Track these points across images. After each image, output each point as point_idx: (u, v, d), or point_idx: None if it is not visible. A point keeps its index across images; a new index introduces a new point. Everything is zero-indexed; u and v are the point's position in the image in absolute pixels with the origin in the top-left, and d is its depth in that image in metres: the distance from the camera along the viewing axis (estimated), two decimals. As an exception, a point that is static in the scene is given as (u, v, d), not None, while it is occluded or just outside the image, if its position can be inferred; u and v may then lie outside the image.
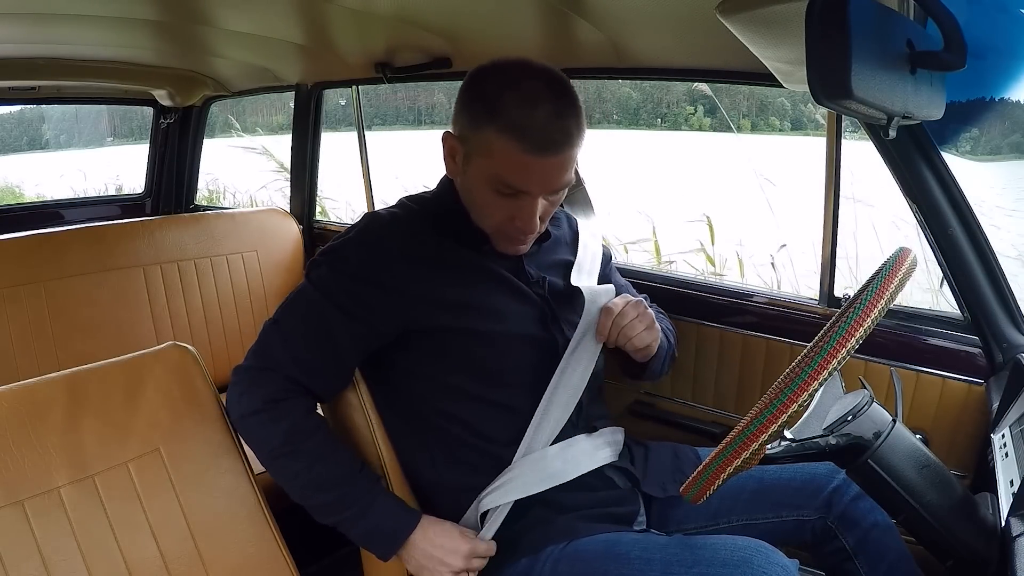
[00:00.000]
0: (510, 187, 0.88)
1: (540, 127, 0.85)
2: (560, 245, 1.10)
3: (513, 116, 0.85)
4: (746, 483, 1.03)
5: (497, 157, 0.87)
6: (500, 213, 0.92)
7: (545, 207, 0.93)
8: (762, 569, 0.79)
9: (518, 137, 0.85)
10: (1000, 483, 0.86)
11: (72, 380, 0.88)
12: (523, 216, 0.91)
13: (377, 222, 0.97)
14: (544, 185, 0.89)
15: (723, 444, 0.76)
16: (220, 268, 1.87)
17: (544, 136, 0.85)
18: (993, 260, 1.16)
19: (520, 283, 0.99)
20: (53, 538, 0.79)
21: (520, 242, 0.96)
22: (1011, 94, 1.17)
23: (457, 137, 0.93)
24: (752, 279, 2.62)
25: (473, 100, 0.90)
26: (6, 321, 1.54)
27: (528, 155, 0.86)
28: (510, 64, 0.91)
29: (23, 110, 10.37)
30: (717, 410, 1.45)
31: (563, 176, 0.90)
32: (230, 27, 1.61)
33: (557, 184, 0.90)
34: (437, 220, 0.98)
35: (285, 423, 0.89)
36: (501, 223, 0.93)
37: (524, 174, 0.87)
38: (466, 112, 0.90)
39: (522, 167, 0.87)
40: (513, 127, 0.85)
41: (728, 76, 1.34)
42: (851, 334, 0.68)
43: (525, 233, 0.93)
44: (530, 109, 0.85)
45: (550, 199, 0.93)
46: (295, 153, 2.21)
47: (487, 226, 0.95)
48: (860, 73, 0.62)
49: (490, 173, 0.89)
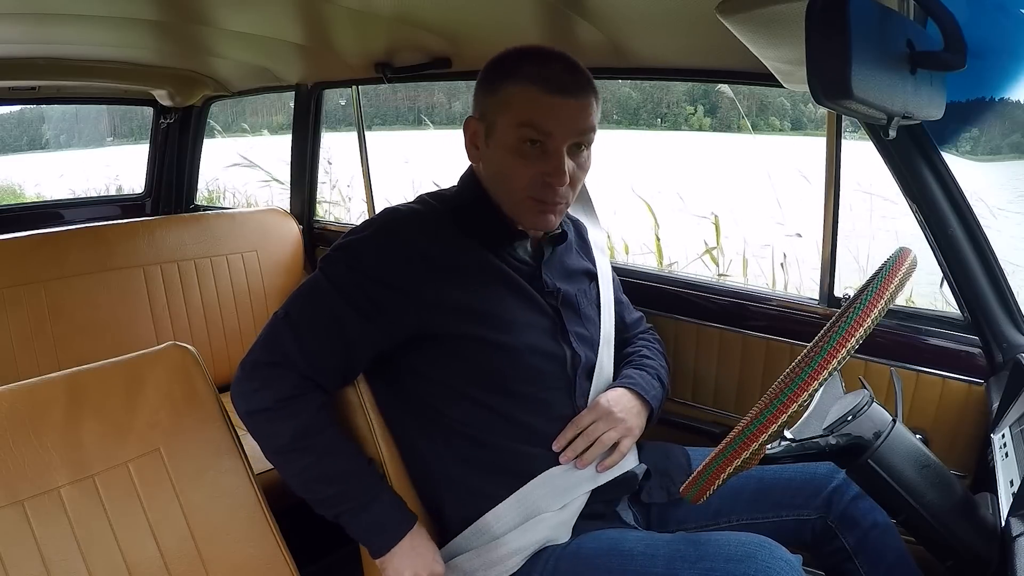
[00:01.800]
0: (536, 130, 0.90)
1: (557, 75, 0.90)
2: (571, 250, 1.09)
3: (529, 69, 0.90)
4: (746, 483, 1.03)
5: (518, 104, 0.90)
6: (528, 172, 0.92)
7: (572, 168, 0.92)
8: (766, 564, 0.79)
9: (537, 82, 0.89)
10: (1000, 483, 0.86)
11: (72, 380, 0.88)
12: (551, 169, 0.91)
13: (396, 220, 0.96)
14: (568, 125, 0.90)
15: (723, 444, 0.76)
16: (220, 268, 1.87)
17: (563, 80, 0.90)
18: (993, 260, 1.16)
19: (534, 292, 0.98)
20: (53, 538, 0.79)
21: (550, 209, 0.94)
22: (1011, 94, 1.17)
23: (477, 117, 0.96)
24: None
25: (491, 75, 0.94)
26: (6, 321, 1.54)
27: (549, 95, 0.89)
28: (523, 47, 0.95)
29: (23, 110, 10.37)
30: (717, 410, 1.45)
31: (586, 119, 0.92)
32: (230, 27, 1.61)
33: (582, 125, 0.91)
34: (459, 215, 0.97)
35: (296, 421, 0.89)
36: (530, 184, 0.92)
37: (548, 114, 0.90)
38: (483, 87, 0.95)
39: (546, 107, 0.89)
40: (531, 75, 0.90)
41: (728, 76, 1.34)
42: (851, 334, 0.68)
43: (555, 189, 0.92)
44: (547, 64, 0.90)
45: (576, 159, 0.93)
46: (295, 153, 2.21)
47: (516, 193, 0.94)
48: (860, 73, 0.62)
49: (516, 122, 0.91)
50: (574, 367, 1.00)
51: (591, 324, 1.05)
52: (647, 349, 1.16)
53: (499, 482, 0.96)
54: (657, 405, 1.07)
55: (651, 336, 1.21)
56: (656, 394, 1.07)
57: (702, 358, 1.44)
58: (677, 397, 1.48)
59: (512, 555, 0.93)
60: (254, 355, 0.92)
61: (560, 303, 1.01)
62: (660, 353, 1.17)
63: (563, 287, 1.02)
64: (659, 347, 1.19)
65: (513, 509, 0.95)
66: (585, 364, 1.01)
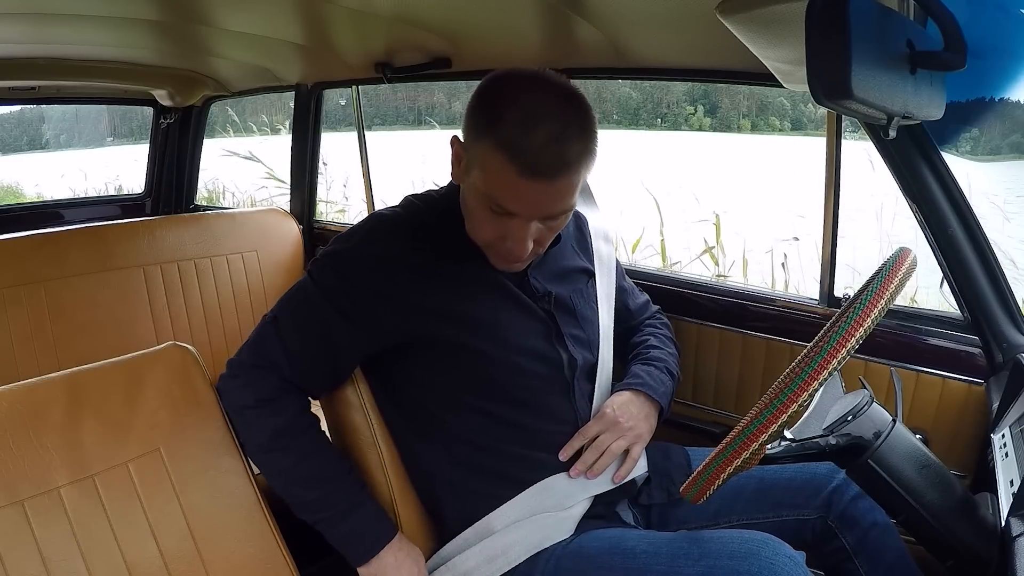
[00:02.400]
0: (500, 208, 0.85)
1: (536, 150, 0.80)
2: (567, 249, 1.07)
3: (510, 134, 0.80)
4: (746, 483, 1.03)
5: (489, 174, 0.83)
6: (491, 231, 0.88)
7: (541, 231, 0.88)
8: (770, 560, 0.79)
9: (511, 157, 0.80)
10: (1000, 483, 0.86)
11: (72, 380, 0.88)
12: (514, 238, 0.86)
13: (382, 226, 0.95)
14: (535, 210, 0.85)
15: (723, 444, 0.76)
16: (220, 268, 1.87)
17: (538, 160, 0.80)
18: (993, 260, 1.16)
19: (525, 297, 0.97)
20: (53, 538, 0.79)
21: (513, 260, 0.91)
22: (1011, 94, 1.17)
23: (462, 144, 0.90)
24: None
25: (479, 108, 0.86)
26: (6, 321, 1.54)
27: (521, 178, 0.81)
28: (523, 75, 0.86)
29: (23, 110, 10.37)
30: (717, 410, 1.44)
31: (558, 203, 0.85)
32: (230, 27, 1.60)
33: (549, 211, 0.86)
34: (444, 219, 0.96)
35: (277, 419, 0.91)
36: (492, 241, 0.90)
37: (514, 196, 0.83)
38: (471, 119, 0.87)
39: (513, 189, 0.82)
40: (508, 145, 0.80)
41: (728, 76, 1.34)
42: (851, 334, 0.68)
43: (514, 256, 0.89)
44: (529, 129, 0.80)
45: (547, 224, 0.88)
46: (295, 153, 2.21)
47: (479, 240, 0.92)
48: (860, 73, 0.62)
49: (483, 189, 0.85)
50: (571, 370, 0.99)
51: (588, 324, 1.04)
52: (655, 338, 1.14)
53: (500, 485, 0.96)
54: (667, 401, 1.06)
55: (659, 321, 1.19)
56: (665, 390, 1.06)
57: (702, 358, 1.43)
58: (677, 397, 1.48)
59: (514, 545, 0.92)
60: (241, 355, 0.94)
61: (553, 306, 1.00)
62: (669, 339, 1.16)
63: (556, 289, 1.01)
64: (667, 332, 1.17)
65: (515, 509, 0.94)
66: (583, 366, 1.01)
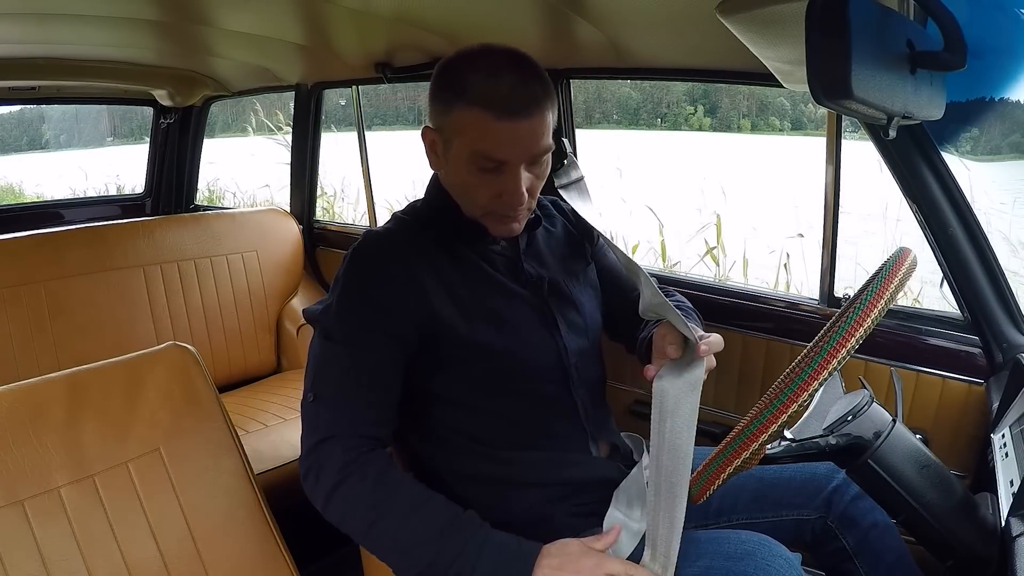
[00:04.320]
0: (489, 159, 0.88)
1: (506, 94, 0.85)
2: (554, 236, 1.08)
3: (478, 89, 0.86)
4: (746, 483, 1.03)
5: (470, 131, 0.87)
6: (486, 191, 0.91)
7: (530, 180, 0.91)
8: (766, 562, 0.79)
9: (486, 106, 0.85)
10: (1000, 483, 0.86)
11: (72, 380, 0.88)
12: (509, 189, 0.90)
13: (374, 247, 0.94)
14: (522, 150, 0.88)
15: (723, 444, 0.76)
16: (220, 268, 1.87)
17: (512, 101, 0.85)
18: (993, 260, 1.16)
19: (518, 287, 0.98)
20: (53, 538, 0.79)
21: (512, 219, 0.94)
22: (1011, 94, 1.17)
23: (434, 128, 0.93)
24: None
25: (441, 87, 0.91)
26: (6, 321, 1.54)
27: (500, 121, 0.85)
28: (471, 48, 0.92)
29: (23, 110, 10.38)
30: (717, 410, 1.44)
31: (539, 141, 0.89)
32: (230, 27, 1.61)
33: (535, 148, 0.89)
34: (431, 224, 0.97)
35: (367, 481, 0.84)
36: (489, 202, 0.92)
37: (499, 142, 0.87)
38: (436, 100, 0.91)
39: (496, 135, 0.86)
40: (480, 98, 0.85)
41: (728, 76, 1.34)
42: (851, 334, 0.68)
43: (514, 207, 0.92)
44: (494, 79, 0.86)
45: (533, 171, 0.92)
46: (295, 153, 2.21)
47: (477, 209, 0.94)
48: (860, 73, 0.62)
49: (468, 150, 0.88)
50: (568, 355, 0.99)
51: (584, 308, 1.03)
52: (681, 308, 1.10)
53: (500, 480, 0.95)
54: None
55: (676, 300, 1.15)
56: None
57: (702, 358, 1.43)
58: (677, 397, 1.48)
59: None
60: (303, 447, 0.88)
61: (547, 292, 1.00)
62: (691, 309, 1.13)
63: (548, 274, 1.01)
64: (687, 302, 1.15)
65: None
66: (579, 350, 1.00)
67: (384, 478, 0.84)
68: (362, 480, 0.83)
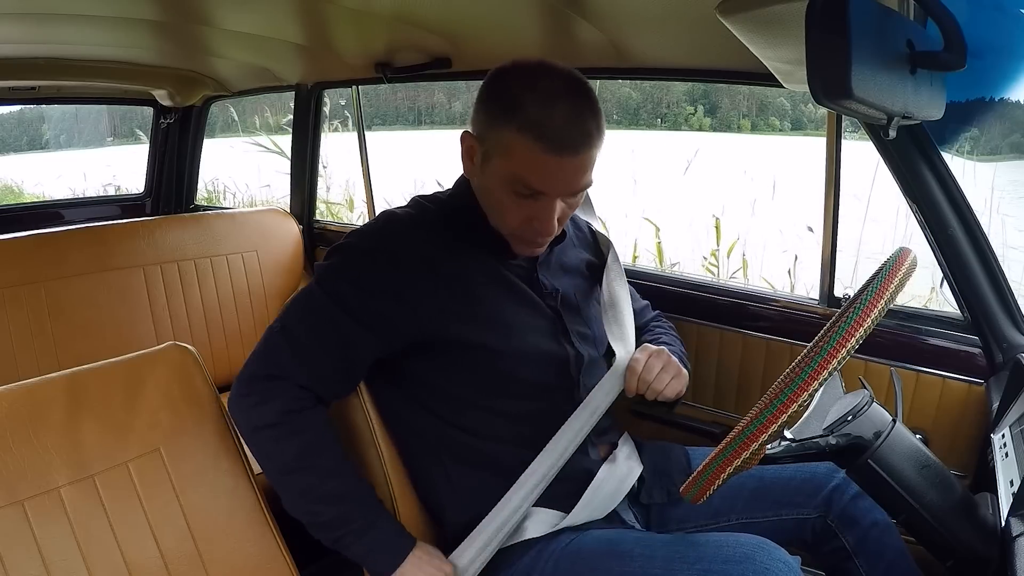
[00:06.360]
0: (528, 188, 0.87)
1: (559, 127, 0.83)
2: (570, 247, 1.08)
3: (532, 115, 0.84)
4: (746, 482, 1.03)
5: (516, 157, 0.86)
6: (518, 214, 0.90)
7: (563, 209, 0.91)
8: (764, 565, 0.79)
9: (537, 136, 0.83)
10: (1000, 483, 0.86)
11: (72, 380, 0.87)
12: (541, 218, 0.89)
13: (393, 226, 0.95)
14: (563, 186, 0.88)
15: (723, 444, 0.76)
16: (220, 268, 1.87)
17: (563, 136, 0.84)
18: (993, 260, 1.16)
19: (533, 294, 0.98)
20: (53, 538, 0.79)
21: (537, 244, 0.95)
22: (1011, 94, 1.17)
23: (475, 136, 0.91)
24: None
25: (492, 99, 0.89)
26: (6, 321, 1.54)
27: (547, 155, 0.84)
28: (530, 64, 0.89)
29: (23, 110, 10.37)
30: (717, 410, 1.44)
31: (582, 178, 0.88)
32: (230, 27, 1.61)
33: (576, 186, 0.88)
34: (454, 220, 0.96)
35: (301, 438, 0.88)
36: (519, 225, 0.91)
37: (543, 175, 0.86)
38: (485, 111, 0.89)
39: (541, 167, 0.85)
40: (532, 126, 0.83)
41: (728, 76, 1.34)
42: (851, 334, 0.68)
43: (543, 236, 0.92)
44: (549, 108, 0.83)
45: (568, 202, 0.91)
46: (295, 153, 2.21)
47: (504, 227, 0.94)
48: (860, 73, 0.62)
49: (509, 173, 0.87)
50: (577, 367, 1.00)
51: (593, 321, 1.05)
52: (666, 335, 1.15)
53: (501, 483, 0.95)
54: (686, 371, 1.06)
55: (663, 323, 1.20)
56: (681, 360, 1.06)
57: (702, 358, 1.43)
58: (677, 397, 1.48)
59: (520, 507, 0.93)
60: (250, 369, 0.91)
61: (560, 304, 1.01)
62: (676, 338, 1.16)
63: (562, 286, 1.02)
64: (674, 332, 1.18)
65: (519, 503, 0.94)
66: (588, 362, 1.01)
67: (318, 439, 0.89)
68: (296, 434, 0.88)
